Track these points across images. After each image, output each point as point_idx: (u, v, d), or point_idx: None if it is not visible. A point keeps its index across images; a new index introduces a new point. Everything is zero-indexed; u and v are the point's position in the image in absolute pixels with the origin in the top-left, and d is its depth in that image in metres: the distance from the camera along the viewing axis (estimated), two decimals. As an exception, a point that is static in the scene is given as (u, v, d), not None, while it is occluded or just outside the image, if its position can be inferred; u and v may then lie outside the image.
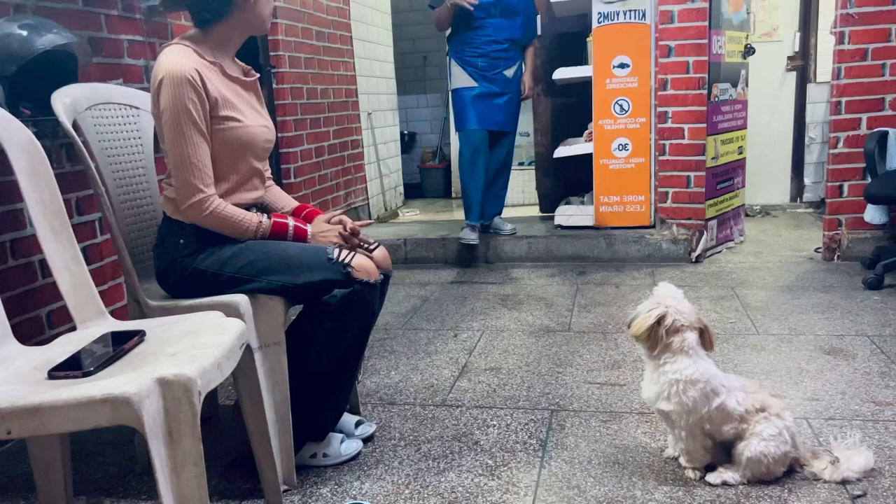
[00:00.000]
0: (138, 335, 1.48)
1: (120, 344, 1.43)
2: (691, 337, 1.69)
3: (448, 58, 3.98)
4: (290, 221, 1.84)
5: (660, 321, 1.68)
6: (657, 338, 1.68)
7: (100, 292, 1.69)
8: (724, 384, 1.71)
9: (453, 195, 6.53)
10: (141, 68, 2.49)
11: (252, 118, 1.81)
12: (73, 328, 1.60)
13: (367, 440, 2.03)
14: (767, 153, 5.35)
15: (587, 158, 4.10)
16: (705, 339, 1.72)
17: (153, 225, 1.94)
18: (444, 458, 1.92)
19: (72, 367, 1.33)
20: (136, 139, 1.97)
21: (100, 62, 2.30)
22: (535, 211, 5.03)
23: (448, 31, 3.96)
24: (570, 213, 4.22)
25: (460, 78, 3.91)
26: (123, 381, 1.22)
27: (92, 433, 2.08)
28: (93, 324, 1.61)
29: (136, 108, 1.99)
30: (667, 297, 1.72)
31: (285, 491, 1.78)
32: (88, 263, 1.89)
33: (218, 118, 1.71)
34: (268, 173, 1.96)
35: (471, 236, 3.91)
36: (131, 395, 1.18)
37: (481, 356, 2.66)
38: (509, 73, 3.94)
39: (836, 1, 3.59)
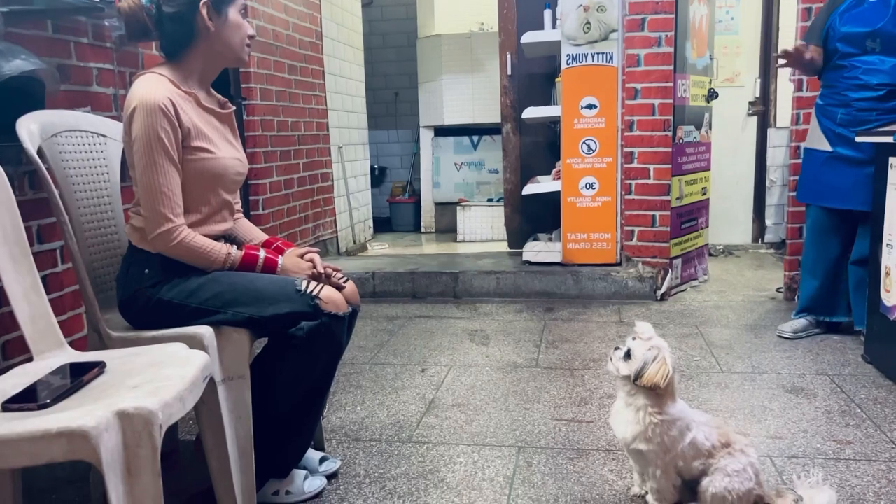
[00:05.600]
0: (98, 367, 1.45)
1: (79, 376, 1.39)
2: (675, 377, 1.70)
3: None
4: (261, 253, 1.82)
5: None
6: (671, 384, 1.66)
7: (59, 322, 1.65)
8: (693, 419, 1.72)
9: (423, 229, 6.54)
10: (110, 96, 2.47)
11: (225, 150, 1.80)
12: (30, 359, 1.55)
13: (331, 477, 1.99)
14: (730, 194, 5.48)
15: (555, 196, 4.16)
16: None
17: (117, 255, 1.91)
18: (410, 496, 1.89)
19: (27, 400, 1.29)
20: (103, 167, 1.94)
21: (68, 89, 2.27)
22: (503, 247, 5.08)
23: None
24: (538, 250, 4.26)
25: (813, 135, 3.07)
26: (81, 413, 1.19)
27: (45, 468, 2.01)
28: (51, 355, 1.57)
29: (104, 135, 1.97)
30: (657, 339, 1.70)
31: (246, 529, 1.74)
32: (48, 293, 1.84)
33: (190, 148, 1.70)
34: (237, 205, 1.95)
35: (795, 325, 3.18)
36: (89, 429, 1.15)
37: (448, 392, 2.65)
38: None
39: (794, 50, 3.72)
